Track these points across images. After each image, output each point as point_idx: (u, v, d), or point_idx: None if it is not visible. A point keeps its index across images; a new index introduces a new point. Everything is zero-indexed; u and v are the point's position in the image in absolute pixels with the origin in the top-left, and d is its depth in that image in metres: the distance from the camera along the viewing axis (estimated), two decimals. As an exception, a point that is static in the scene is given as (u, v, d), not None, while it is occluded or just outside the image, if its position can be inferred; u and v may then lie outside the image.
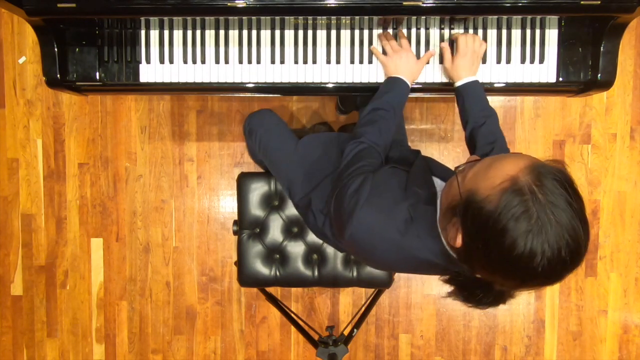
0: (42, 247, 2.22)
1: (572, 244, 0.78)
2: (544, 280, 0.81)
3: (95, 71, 1.42)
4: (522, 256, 0.78)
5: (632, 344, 2.20)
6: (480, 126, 1.29)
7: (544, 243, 0.77)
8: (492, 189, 0.81)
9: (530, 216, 0.77)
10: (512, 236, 0.78)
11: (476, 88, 1.33)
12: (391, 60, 1.35)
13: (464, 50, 1.33)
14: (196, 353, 2.24)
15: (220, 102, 2.15)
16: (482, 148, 1.28)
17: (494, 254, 0.81)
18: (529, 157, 0.85)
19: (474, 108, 1.31)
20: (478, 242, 0.84)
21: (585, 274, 2.17)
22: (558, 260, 0.78)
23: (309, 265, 1.61)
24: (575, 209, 0.78)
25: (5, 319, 2.25)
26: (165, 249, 2.21)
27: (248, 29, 1.41)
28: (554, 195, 0.78)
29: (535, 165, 0.81)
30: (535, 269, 0.78)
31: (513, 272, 0.82)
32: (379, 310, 2.21)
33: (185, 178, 2.19)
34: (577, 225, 0.78)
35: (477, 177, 0.86)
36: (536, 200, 0.78)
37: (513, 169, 0.81)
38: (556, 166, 0.82)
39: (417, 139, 2.15)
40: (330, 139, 1.43)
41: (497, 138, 1.29)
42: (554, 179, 0.79)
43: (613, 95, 2.12)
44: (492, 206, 0.80)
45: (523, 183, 0.79)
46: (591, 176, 2.15)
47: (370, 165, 1.14)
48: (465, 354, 2.22)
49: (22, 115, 2.17)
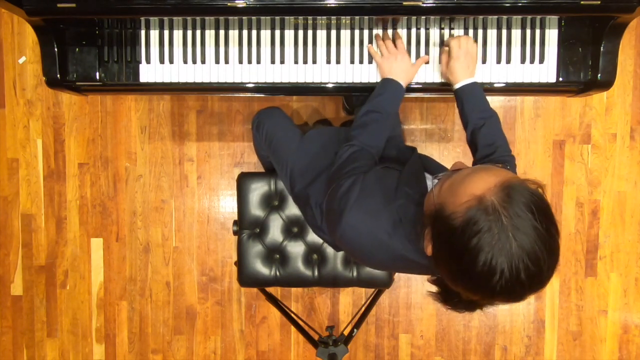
0: (42, 247, 2.21)
1: (532, 268, 0.78)
2: (502, 299, 0.82)
3: (95, 71, 1.42)
4: (481, 275, 0.79)
5: (632, 344, 2.20)
6: (480, 128, 1.29)
7: (503, 264, 0.77)
8: (459, 205, 0.82)
9: (491, 236, 0.78)
10: (473, 254, 0.79)
11: (474, 90, 1.32)
12: (386, 61, 1.35)
13: (457, 53, 1.33)
14: (196, 353, 2.24)
15: (220, 102, 2.15)
16: (482, 149, 1.28)
17: (456, 268, 0.83)
18: (502, 173, 0.84)
19: (473, 110, 1.31)
20: (443, 255, 0.85)
21: (585, 274, 2.17)
22: (516, 282, 0.78)
23: (309, 265, 1.61)
24: (540, 233, 0.78)
25: (5, 319, 2.25)
26: (165, 249, 2.21)
27: (248, 29, 1.41)
28: (518, 218, 0.78)
29: (506, 185, 0.81)
30: (493, 287, 0.79)
31: (473, 288, 0.83)
32: (379, 310, 2.21)
33: (185, 178, 2.19)
34: (539, 250, 0.78)
35: (449, 190, 0.87)
36: (499, 221, 0.78)
37: (482, 187, 0.81)
38: (530, 187, 0.82)
39: (417, 139, 2.15)
40: (331, 133, 1.44)
41: (496, 139, 1.29)
42: (523, 201, 0.79)
43: (613, 95, 2.12)
44: (457, 223, 0.81)
45: (489, 202, 0.79)
46: (591, 176, 2.15)
47: (363, 166, 1.14)
48: (465, 354, 2.22)
49: (22, 115, 2.17)
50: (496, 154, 1.27)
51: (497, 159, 1.26)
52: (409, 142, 2.14)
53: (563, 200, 2.15)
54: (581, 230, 2.16)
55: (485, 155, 1.27)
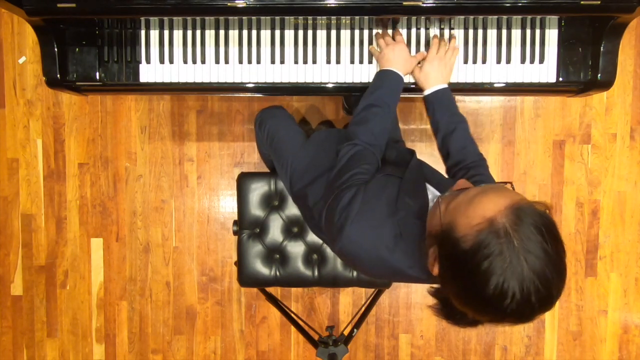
0: (42, 247, 2.21)
1: (543, 291, 0.78)
2: (512, 320, 0.82)
3: (95, 71, 1.42)
4: (492, 297, 0.78)
5: (632, 344, 2.20)
6: (452, 132, 1.29)
7: (514, 287, 0.77)
8: (469, 228, 0.81)
9: (503, 260, 0.77)
10: (484, 277, 0.78)
11: (445, 95, 1.32)
12: (384, 53, 1.35)
13: (432, 57, 1.34)
14: (196, 353, 2.24)
15: (220, 102, 2.15)
16: (454, 154, 1.29)
17: (465, 290, 0.83)
18: (511, 195, 0.84)
19: (443, 115, 1.31)
20: (452, 276, 0.85)
21: (585, 274, 2.17)
22: (527, 305, 0.78)
23: (309, 265, 1.61)
24: (550, 255, 0.78)
25: (5, 319, 2.25)
26: (165, 249, 2.21)
27: (248, 29, 1.41)
28: (529, 241, 0.78)
29: (515, 207, 0.80)
30: (504, 310, 0.79)
31: (483, 310, 0.83)
32: (379, 310, 2.21)
33: (185, 178, 2.19)
34: (550, 272, 0.78)
35: (457, 211, 0.86)
36: (510, 244, 0.78)
37: (492, 209, 0.81)
38: (538, 209, 0.82)
39: (417, 139, 2.15)
40: (333, 135, 1.43)
41: (467, 143, 1.29)
42: (533, 223, 0.79)
43: (613, 95, 2.12)
44: (467, 245, 0.81)
45: (500, 225, 0.79)
46: (591, 176, 2.15)
47: (365, 172, 1.13)
48: (465, 354, 2.23)
49: (22, 115, 2.17)
50: (469, 159, 1.27)
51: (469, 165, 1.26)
52: (409, 142, 2.14)
53: (563, 200, 2.15)
54: (581, 230, 2.16)
55: (458, 160, 1.28)
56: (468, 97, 2.11)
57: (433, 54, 1.35)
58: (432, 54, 1.35)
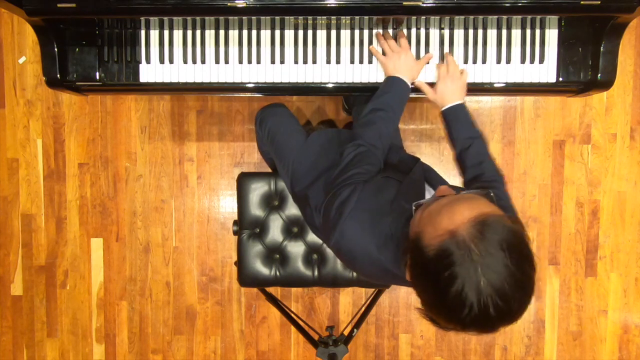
0: (42, 247, 2.21)
1: (502, 305, 0.78)
2: (475, 329, 0.82)
3: (95, 71, 1.42)
4: (452, 306, 0.79)
5: (632, 344, 2.20)
6: (468, 148, 1.30)
7: (472, 299, 0.78)
8: (434, 237, 0.82)
9: (462, 270, 0.78)
10: (444, 286, 0.79)
11: (461, 111, 1.33)
12: (390, 60, 1.35)
13: (443, 76, 1.35)
14: (196, 353, 2.24)
15: (220, 102, 2.15)
16: (470, 170, 1.29)
17: (430, 298, 0.84)
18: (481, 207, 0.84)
19: (459, 132, 1.32)
20: (419, 284, 0.86)
21: (585, 274, 2.17)
22: (486, 317, 0.78)
23: (309, 265, 1.61)
24: (511, 271, 0.78)
25: (5, 319, 2.25)
26: (165, 249, 2.21)
27: (248, 29, 1.41)
28: (489, 255, 0.78)
29: (481, 220, 0.80)
30: (463, 319, 0.79)
31: (446, 317, 0.83)
32: (379, 310, 2.21)
33: (185, 178, 2.19)
34: (509, 287, 0.78)
35: (427, 220, 0.87)
36: (469, 257, 0.78)
37: (457, 220, 0.81)
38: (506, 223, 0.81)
39: (417, 139, 2.15)
40: (334, 135, 1.43)
41: (484, 159, 1.29)
42: (496, 238, 0.79)
43: (613, 95, 2.12)
44: (431, 254, 0.82)
45: (462, 237, 0.79)
46: (591, 176, 2.15)
47: (366, 172, 1.14)
48: (465, 354, 2.23)
49: (22, 115, 2.17)
50: (485, 175, 1.27)
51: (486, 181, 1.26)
52: (409, 142, 2.14)
53: (563, 200, 2.15)
54: (581, 230, 2.16)
55: (474, 176, 1.28)
56: (468, 97, 2.09)
57: (444, 73, 1.36)
58: (443, 73, 1.36)
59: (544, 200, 2.15)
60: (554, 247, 2.16)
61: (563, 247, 2.16)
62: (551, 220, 2.15)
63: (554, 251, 2.16)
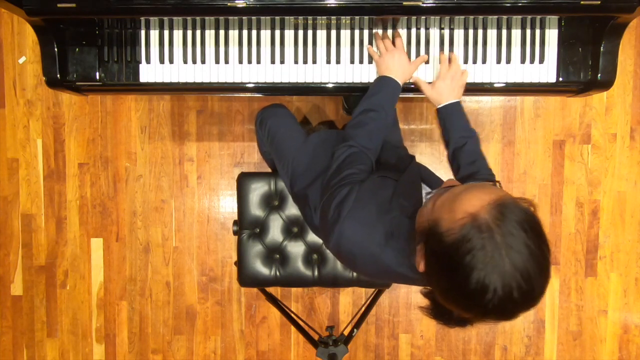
0: (42, 247, 2.21)
1: (525, 286, 0.77)
2: (495, 316, 0.82)
3: (95, 71, 1.42)
4: (474, 292, 0.78)
5: (632, 344, 2.20)
6: (462, 147, 1.30)
7: (496, 282, 0.77)
8: (453, 222, 0.82)
9: (485, 254, 0.78)
10: (466, 272, 0.78)
11: (456, 109, 1.34)
12: (383, 59, 1.35)
13: (444, 74, 1.35)
14: (196, 353, 2.24)
15: (220, 102, 2.15)
16: (464, 168, 1.29)
17: (449, 286, 0.83)
18: (496, 191, 0.84)
19: (455, 129, 1.32)
20: (436, 272, 0.85)
21: (585, 274, 2.17)
22: (509, 300, 0.78)
23: (309, 265, 1.61)
24: (532, 251, 0.78)
25: (5, 319, 2.25)
26: (165, 249, 2.21)
27: (248, 29, 1.41)
28: (511, 236, 0.78)
29: (499, 203, 0.81)
30: (486, 305, 0.79)
31: (466, 305, 0.83)
32: (379, 310, 2.21)
33: (185, 178, 2.19)
34: (532, 268, 0.78)
35: (443, 207, 0.87)
36: (492, 239, 0.78)
37: (476, 205, 0.81)
38: (522, 206, 0.82)
39: (417, 139, 2.15)
40: (334, 136, 1.44)
41: (477, 158, 1.30)
42: (516, 219, 0.79)
43: (613, 95, 2.12)
44: (451, 240, 0.81)
45: (483, 220, 0.79)
46: (591, 176, 2.15)
47: (360, 172, 1.14)
48: (465, 354, 2.22)
49: (22, 115, 2.17)
50: (479, 174, 1.27)
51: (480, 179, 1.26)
52: (409, 142, 2.14)
53: (563, 200, 2.15)
54: (581, 230, 2.16)
55: (468, 174, 1.28)
56: (468, 97, 2.11)
57: (445, 71, 1.36)
58: (444, 71, 1.36)
59: (544, 200, 2.15)
60: (554, 247, 2.16)
61: (563, 247, 2.16)
62: (551, 220, 2.15)
63: (554, 251, 2.16)
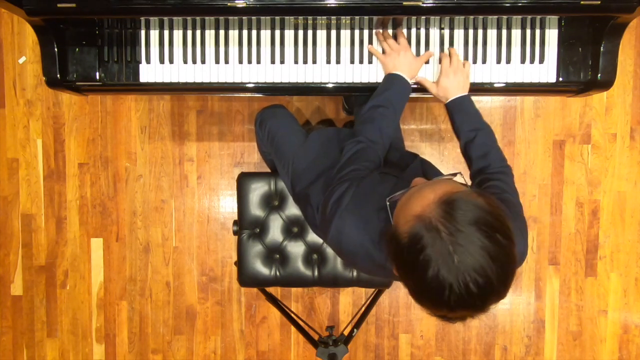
0: (42, 247, 2.21)
1: (481, 280, 0.77)
2: (464, 311, 0.81)
3: (95, 71, 1.42)
4: (432, 290, 0.79)
5: (632, 344, 2.20)
6: (472, 140, 1.29)
7: (450, 279, 0.77)
8: (405, 223, 0.83)
9: (434, 252, 0.78)
10: (422, 271, 0.79)
11: (464, 103, 1.32)
12: (389, 58, 1.35)
13: (446, 70, 1.34)
14: (196, 353, 2.24)
15: (220, 102, 2.15)
16: (476, 162, 1.28)
17: (413, 287, 0.83)
18: (445, 188, 0.84)
19: (463, 123, 1.31)
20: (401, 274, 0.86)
21: (585, 274, 2.17)
22: (468, 296, 0.77)
23: (309, 265, 1.61)
24: (484, 245, 0.77)
25: (5, 319, 2.25)
26: (165, 249, 2.21)
27: (248, 29, 1.41)
28: (459, 233, 0.77)
29: (445, 200, 0.80)
30: (447, 301, 0.78)
31: (432, 303, 0.83)
32: (379, 310, 2.21)
33: (185, 178, 2.19)
34: (485, 261, 0.77)
35: (399, 210, 0.88)
36: (439, 237, 0.78)
37: (422, 204, 0.82)
38: (472, 198, 0.81)
39: (417, 139, 2.15)
40: (333, 134, 1.44)
41: (490, 150, 1.28)
42: (463, 214, 0.78)
43: (613, 95, 2.12)
44: (404, 241, 0.81)
45: (427, 220, 0.79)
46: (591, 176, 2.15)
47: (364, 168, 1.14)
48: (465, 354, 2.22)
49: (22, 115, 2.17)
50: (490, 167, 1.26)
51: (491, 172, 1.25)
52: (409, 142, 2.14)
53: (563, 200, 2.15)
54: (581, 230, 2.16)
55: (479, 168, 1.27)
56: (468, 97, 2.11)
57: (446, 67, 1.35)
58: (446, 67, 1.35)
59: (544, 200, 2.15)
60: (554, 247, 2.16)
61: (563, 247, 2.16)
62: (551, 220, 2.15)
63: (554, 251, 2.16)
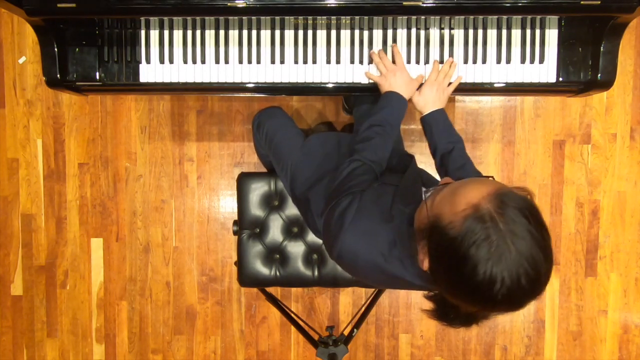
0: (42, 247, 2.21)
1: (532, 273, 0.78)
2: (504, 307, 0.82)
3: (95, 71, 1.42)
4: (482, 283, 0.78)
5: (632, 344, 2.20)
6: (450, 152, 1.31)
7: (503, 271, 0.77)
8: (455, 214, 0.82)
9: (490, 244, 0.78)
10: (472, 263, 0.78)
11: (441, 116, 1.35)
12: (386, 79, 1.36)
13: (431, 82, 1.37)
14: (196, 353, 2.24)
15: (220, 102, 2.15)
16: (452, 173, 1.30)
17: (455, 280, 0.83)
18: (494, 183, 0.85)
19: (441, 136, 1.34)
20: (441, 267, 0.85)
21: (585, 274, 2.17)
22: (517, 288, 0.78)
23: (309, 265, 1.61)
24: (536, 237, 0.79)
25: (5, 319, 2.25)
26: (165, 249, 2.21)
27: (248, 29, 1.41)
28: (514, 224, 0.78)
29: (499, 193, 0.81)
30: (495, 296, 0.79)
31: (474, 298, 0.82)
32: (379, 310, 2.21)
33: (185, 178, 2.19)
34: (537, 254, 0.78)
35: (443, 202, 0.87)
36: (496, 228, 0.78)
37: (476, 196, 0.82)
38: (520, 194, 0.83)
39: (417, 139, 2.15)
40: (333, 138, 1.44)
41: (465, 162, 1.31)
42: (516, 207, 0.80)
43: (613, 95, 2.12)
44: (455, 232, 0.81)
45: (485, 210, 0.80)
46: (591, 176, 2.15)
47: (363, 183, 1.14)
48: (465, 354, 2.22)
49: (22, 115, 2.17)
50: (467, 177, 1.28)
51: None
52: (409, 142, 2.14)
53: (563, 200, 2.15)
54: (581, 230, 2.16)
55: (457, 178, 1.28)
56: (468, 97, 2.11)
57: (433, 79, 1.38)
58: (432, 79, 1.38)
59: (544, 200, 2.15)
60: (554, 247, 2.14)
61: (563, 247, 2.16)
62: (551, 220, 2.15)
63: (554, 251, 2.15)
